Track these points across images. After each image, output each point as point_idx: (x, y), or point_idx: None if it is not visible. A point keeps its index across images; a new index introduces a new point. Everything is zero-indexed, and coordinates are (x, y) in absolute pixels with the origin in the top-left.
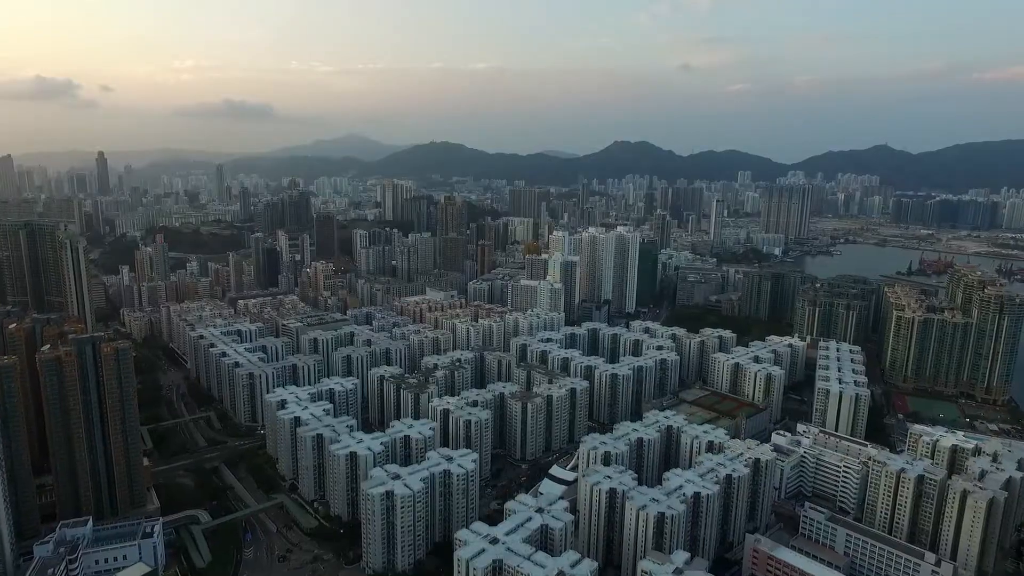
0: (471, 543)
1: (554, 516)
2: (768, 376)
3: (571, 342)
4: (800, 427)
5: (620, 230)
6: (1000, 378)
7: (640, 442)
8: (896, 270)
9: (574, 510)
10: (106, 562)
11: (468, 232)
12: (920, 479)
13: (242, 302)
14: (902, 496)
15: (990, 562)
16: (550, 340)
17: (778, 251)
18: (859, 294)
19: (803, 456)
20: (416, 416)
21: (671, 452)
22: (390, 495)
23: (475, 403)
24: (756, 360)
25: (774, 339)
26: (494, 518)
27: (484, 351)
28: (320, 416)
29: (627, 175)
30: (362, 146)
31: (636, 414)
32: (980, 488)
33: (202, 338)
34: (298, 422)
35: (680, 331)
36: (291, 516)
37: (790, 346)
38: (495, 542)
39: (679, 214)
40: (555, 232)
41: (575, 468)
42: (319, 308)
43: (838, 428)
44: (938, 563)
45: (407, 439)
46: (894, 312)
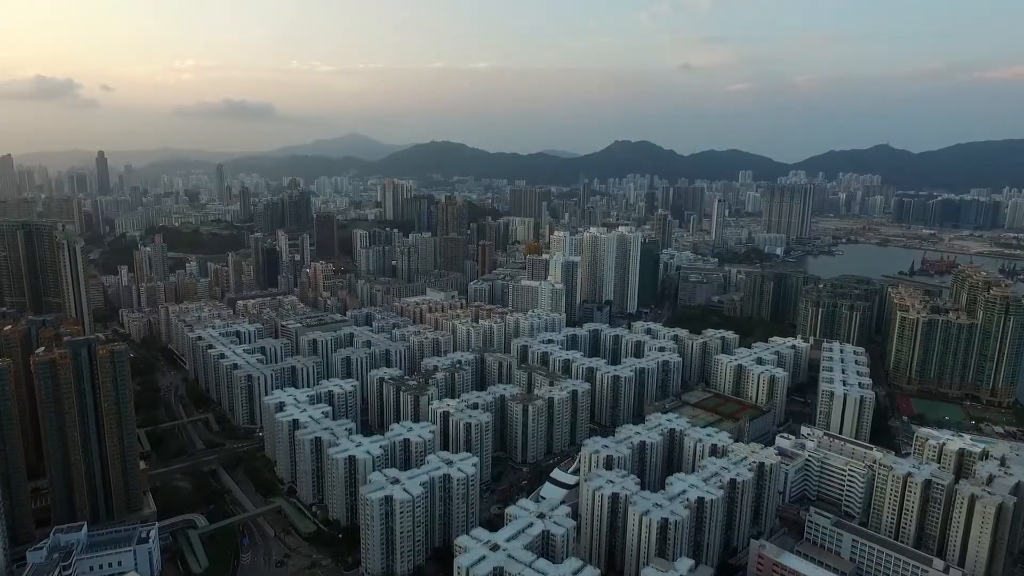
0: (471, 549)
1: (556, 522)
2: (771, 378)
3: (572, 343)
4: (804, 429)
5: (621, 230)
6: (1005, 380)
7: (642, 445)
8: (898, 270)
9: (576, 515)
10: (100, 568)
11: (469, 232)
12: (927, 483)
13: (241, 303)
14: (909, 501)
15: (999, 569)
16: (551, 341)
17: (780, 251)
18: (862, 295)
19: (808, 459)
20: (416, 418)
21: (674, 455)
22: (389, 500)
23: (475, 405)
24: (759, 361)
25: (777, 340)
26: (495, 522)
27: (485, 352)
28: (319, 419)
29: (628, 175)
30: (362, 146)
31: (638, 416)
32: (989, 493)
33: (200, 339)
34: (296, 425)
35: (682, 332)
36: (289, 520)
37: (793, 347)
38: (495, 548)
39: (680, 214)
40: (556, 232)
41: (577, 471)
42: (319, 308)
43: (842, 430)
44: (946, 570)
45: (407, 443)
46: (898, 313)
